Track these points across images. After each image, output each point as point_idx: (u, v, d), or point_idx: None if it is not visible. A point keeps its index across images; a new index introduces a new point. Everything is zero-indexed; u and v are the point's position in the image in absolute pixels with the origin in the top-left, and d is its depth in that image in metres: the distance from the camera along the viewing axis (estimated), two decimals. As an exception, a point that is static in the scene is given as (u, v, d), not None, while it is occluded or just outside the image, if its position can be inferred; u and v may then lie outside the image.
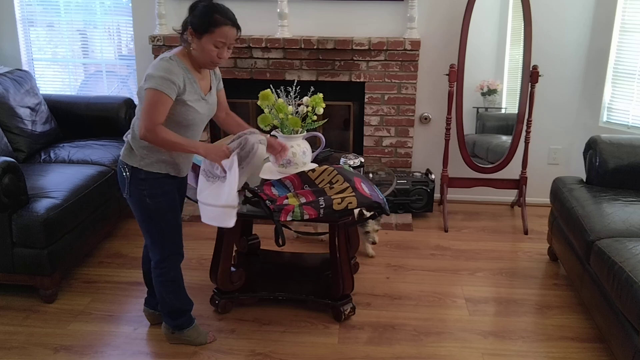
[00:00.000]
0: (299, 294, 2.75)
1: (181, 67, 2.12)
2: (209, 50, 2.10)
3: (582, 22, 3.71)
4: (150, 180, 2.21)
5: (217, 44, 2.09)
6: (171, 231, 2.32)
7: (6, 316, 2.71)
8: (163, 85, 2.04)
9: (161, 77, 2.04)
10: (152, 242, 2.34)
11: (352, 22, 3.80)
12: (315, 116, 2.64)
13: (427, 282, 3.05)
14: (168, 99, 2.05)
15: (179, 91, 2.09)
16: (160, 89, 2.04)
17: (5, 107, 3.36)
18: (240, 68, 3.82)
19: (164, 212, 2.27)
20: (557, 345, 2.54)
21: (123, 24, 4.18)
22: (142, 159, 2.18)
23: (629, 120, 3.66)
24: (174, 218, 2.32)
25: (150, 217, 2.27)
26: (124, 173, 2.24)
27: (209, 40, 2.08)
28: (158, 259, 2.35)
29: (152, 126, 2.05)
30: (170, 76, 2.05)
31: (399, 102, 3.80)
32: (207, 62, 2.15)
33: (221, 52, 2.12)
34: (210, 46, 2.09)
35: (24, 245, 2.70)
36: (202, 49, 2.10)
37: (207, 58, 2.12)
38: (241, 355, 2.45)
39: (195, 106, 2.16)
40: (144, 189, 2.21)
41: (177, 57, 2.13)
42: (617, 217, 2.63)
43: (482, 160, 3.84)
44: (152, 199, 2.23)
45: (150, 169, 2.19)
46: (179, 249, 2.39)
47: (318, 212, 2.30)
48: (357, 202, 2.34)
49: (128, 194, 2.26)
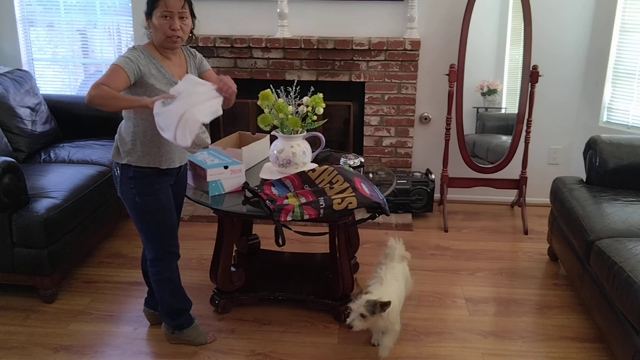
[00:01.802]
0: (299, 294, 2.75)
1: (145, 53, 2.16)
2: (161, 26, 2.12)
3: (582, 22, 3.71)
4: (140, 178, 2.22)
5: (165, 14, 2.11)
6: (164, 230, 2.32)
7: (6, 316, 2.71)
8: (119, 61, 2.09)
9: (120, 57, 2.12)
10: (145, 240, 2.36)
11: (352, 22, 3.80)
12: (315, 116, 2.64)
13: (427, 282, 3.05)
14: (121, 71, 2.06)
15: (137, 71, 2.10)
16: (116, 62, 2.09)
17: (5, 107, 3.36)
18: (240, 68, 3.82)
19: (154, 211, 2.27)
20: (557, 345, 2.54)
21: (123, 24, 4.18)
22: (128, 154, 2.20)
23: (629, 120, 3.66)
24: (167, 217, 2.32)
25: (141, 215, 2.28)
26: (115, 171, 2.27)
27: (157, 16, 2.12)
28: (152, 257, 2.37)
29: (97, 84, 2.02)
30: (128, 55, 2.11)
31: (399, 102, 3.80)
32: (164, 40, 2.15)
33: (172, 24, 2.12)
34: (161, 20, 2.12)
35: (24, 245, 2.70)
36: (156, 28, 2.14)
37: (162, 34, 2.14)
38: (241, 355, 2.45)
39: (166, 90, 2.15)
40: (133, 187, 2.23)
41: (141, 46, 2.19)
42: (617, 217, 2.63)
43: (482, 160, 3.84)
44: (141, 198, 2.24)
45: (138, 164, 2.20)
46: (173, 248, 2.39)
47: (318, 212, 2.30)
48: (357, 202, 2.34)
49: (120, 192, 2.29)
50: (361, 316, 2.23)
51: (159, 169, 2.24)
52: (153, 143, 2.20)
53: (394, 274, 2.47)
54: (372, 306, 2.22)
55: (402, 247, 2.64)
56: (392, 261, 2.55)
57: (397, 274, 2.49)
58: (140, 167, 2.21)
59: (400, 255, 2.60)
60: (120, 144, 2.23)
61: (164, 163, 2.24)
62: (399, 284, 2.46)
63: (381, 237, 3.55)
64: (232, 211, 2.48)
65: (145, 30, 2.24)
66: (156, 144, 2.20)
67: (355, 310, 2.24)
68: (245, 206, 2.41)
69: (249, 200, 2.41)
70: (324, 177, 2.50)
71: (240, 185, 2.54)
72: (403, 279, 2.53)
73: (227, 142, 3.00)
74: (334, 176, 2.49)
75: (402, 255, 2.61)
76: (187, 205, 3.49)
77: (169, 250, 2.37)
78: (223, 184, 2.53)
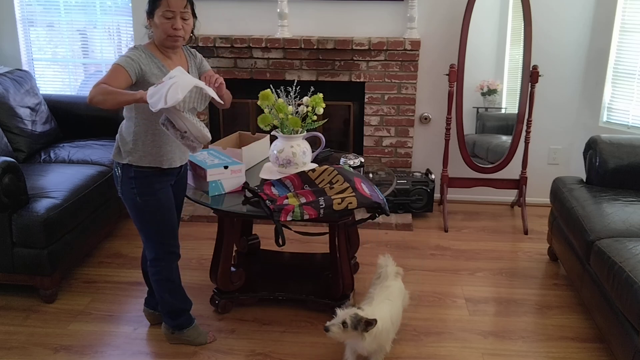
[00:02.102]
0: (299, 294, 2.75)
1: (146, 53, 2.16)
2: (162, 25, 2.13)
3: (582, 22, 3.71)
4: (140, 178, 2.22)
5: (166, 14, 2.12)
6: (164, 230, 2.32)
7: (6, 316, 2.71)
8: (120, 61, 2.10)
9: (120, 56, 2.13)
10: (145, 240, 2.37)
11: (352, 22, 3.80)
12: (315, 116, 2.64)
13: (427, 282, 3.05)
14: (122, 70, 2.07)
15: (138, 70, 2.10)
16: (117, 62, 2.10)
17: (5, 107, 3.36)
18: (240, 68, 3.82)
19: (154, 211, 2.27)
20: (557, 345, 2.54)
21: (123, 24, 4.18)
22: (129, 154, 2.20)
23: (629, 120, 3.66)
24: (167, 217, 2.32)
25: (141, 215, 2.28)
26: (116, 172, 2.28)
27: (159, 15, 2.12)
28: (152, 257, 2.37)
29: (98, 83, 2.04)
30: (129, 55, 2.12)
31: (399, 102, 3.80)
32: (165, 39, 2.16)
33: (174, 23, 2.13)
34: (162, 20, 2.12)
35: (24, 245, 2.70)
36: (157, 27, 2.14)
37: (164, 34, 2.14)
38: (241, 355, 2.45)
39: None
40: (134, 187, 2.23)
41: (142, 45, 2.20)
42: (617, 217, 2.63)
43: (482, 160, 3.84)
44: (142, 198, 2.24)
45: (139, 164, 2.20)
46: (173, 248, 2.39)
47: (318, 212, 2.30)
48: (357, 202, 2.34)
49: (120, 192, 2.29)
50: (342, 324, 2.12)
51: (160, 168, 2.24)
52: (154, 143, 2.20)
53: (389, 293, 2.39)
54: (357, 320, 2.12)
55: (393, 262, 2.56)
56: (387, 280, 2.46)
57: (392, 293, 2.40)
58: (141, 167, 2.21)
59: (393, 273, 2.52)
60: (121, 144, 2.24)
61: (164, 163, 2.24)
62: (394, 303, 2.37)
63: (381, 237, 3.55)
64: (232, 211, 2.48)
65: (146, 29, 2.25)
66: (157, 144, 2.21)
67: (340, 317, 2.14)
68: (245, 206, 2.41)
69: (249, 200, 2.41)
70: (324, 177, 2.50)
71: (240, 185, 2.54)
72: (400, 296, 2.46)
73: (227, 142, 3.00)
74: (334, 176, 2.49)
75: (395, 272, 2.53)
76: (187, 205, 3.49)
77: (169, 250, 2.37)
78: (223, 184, 2.53)
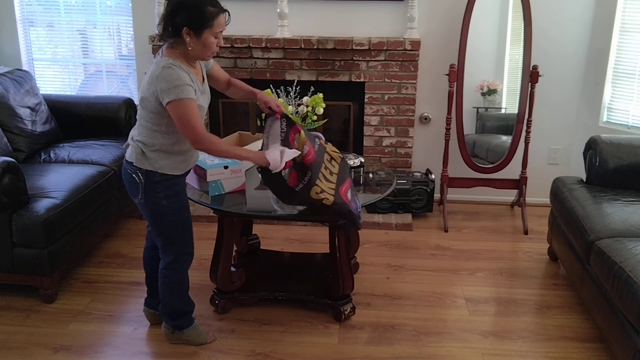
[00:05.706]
0: (299, 294, 2.75)
1: (183, 69, 2.10)
2: (210, 44, 2.12)
3: (582, 22, 3.71)
4: (165, 181, 2.21)
5: (217, 35, 2.12)
6: (186, 229, 2.34)
7: (6, 316, 2.71)
8: (183, 92, 2.04)
9: (176, 86, 2.04)
10: (165, 244, 2.34)
11: (352, 22, 3.80)
12: (315, 116, 2.64)
13: (427, 282, 3.05)
14: (192, 102, 2.07)
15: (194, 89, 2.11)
16: (181, 96, 2.03)
17: (5, 107, 3.36)
18: (240, 68, 3.82)
19: (180, 211, 2.28)
20: (557, 345, 2.54)
21: (123, 24, 4.18)
22: (156, 162, 2.18)
23: (629, 120, 3.66)
24: (188, 217, 2.34)
25: (166, 218, 2.27)
26: (136, 178, 2.21)
27: (210, 34, 2.10)
28: (170, 260, 2.35)
29: (199, 137, 2.09)
30: (183, 80, 2.05)
31: (399, 102, 3.80)
32: (207, 55, 2.17)
33: (219, 41, 2.15)
34: (211, 39, 2.11)
35: (24, 245, 2.70)
36: (204, 45, 2.11)
37: (209, 51, 2.14)
38: (241, 355, 2.45)
39: (198, 100, 2.16)
40: (160, 191, 2.21)
41: (174, 60, 2.09)
42: (617, 217, 2.63)
43: (482, 160, 3.84)
44: (169, 200, 2.23)
45: (165, 171, 2.20)
46: (191, 248, 2.40)
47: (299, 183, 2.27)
48: (332, 202, 2.28)
49: (143, 198, 2.23)
50: None
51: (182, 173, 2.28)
52: (180, 153, 2.23)
53: None
54: None
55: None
56: None
57: None
58: (167, 173, 2.21)
59: None
60: (146, 151, 2.18)
61: (185, 168, 2.29)
62: None
63: (381, 237, 3.55)
64: (232, 211, 2.49)
65: (161, 39, 2.14)
66: (182, 154, 2.24)
67: None
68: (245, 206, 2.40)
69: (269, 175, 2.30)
70: (333, 157, 2.48)
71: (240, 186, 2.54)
72: None
73: (227, 142, 2.99)
74: (336, 166, 2.47)
75: None
76: (187, 205, 3.49)
77: (188, 251, 2.39)
78: (223, 184, 2.53)
